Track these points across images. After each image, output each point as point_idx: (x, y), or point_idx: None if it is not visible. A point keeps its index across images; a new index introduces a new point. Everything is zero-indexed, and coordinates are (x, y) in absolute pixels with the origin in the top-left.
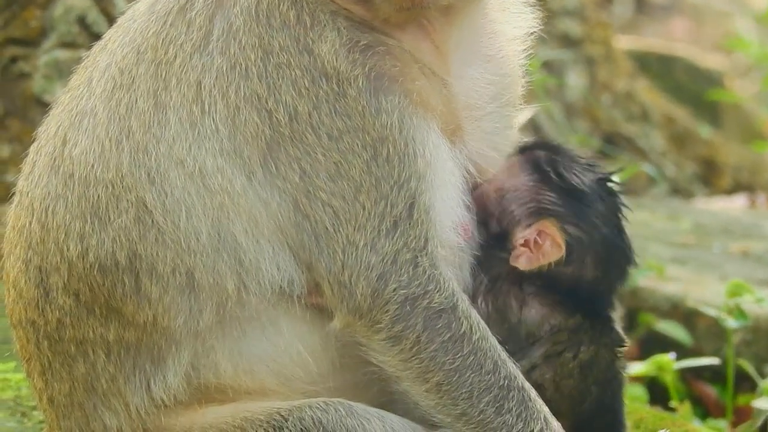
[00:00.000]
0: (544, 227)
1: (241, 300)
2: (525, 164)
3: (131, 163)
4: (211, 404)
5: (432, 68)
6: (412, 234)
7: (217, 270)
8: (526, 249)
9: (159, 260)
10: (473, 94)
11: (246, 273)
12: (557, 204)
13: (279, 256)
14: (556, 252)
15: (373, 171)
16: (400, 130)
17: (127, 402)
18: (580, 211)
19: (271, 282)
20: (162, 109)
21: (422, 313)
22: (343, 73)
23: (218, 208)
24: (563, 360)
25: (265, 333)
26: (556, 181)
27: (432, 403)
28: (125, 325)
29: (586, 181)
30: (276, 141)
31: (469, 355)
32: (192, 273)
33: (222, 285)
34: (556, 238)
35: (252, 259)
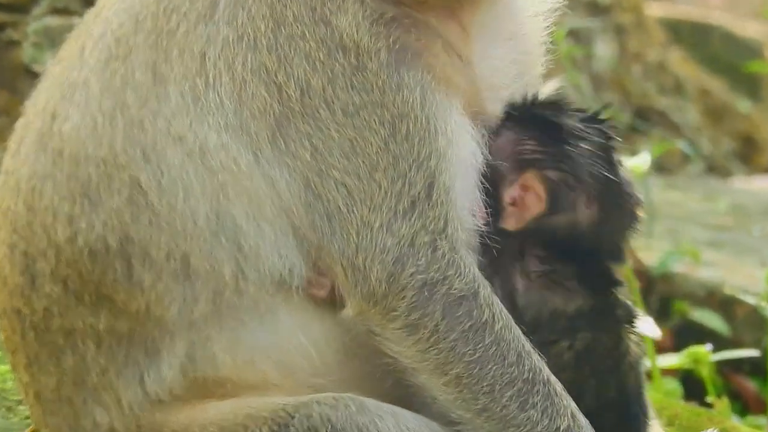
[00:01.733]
0: (525, 180)
1: (238, 288)
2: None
3: (125, 139)
4: (209, 399)
5: (456, 48)
6: (431, 215)
7: (214, 255)
8: (514, 209)
9: (152, 244)
10: (497, 75)
11: (245, 259)
12: (536, 151)
13: (281, 242)
14: (537, 203)
15: (390, 148)
16: (421, 106)
17: (119, 396)
18: (560, 152)
19: (270, 270)
20: (161, 82)
21: (441, 299)
22: (363, 46)
23: (219, 189)
24: (558, 350)
25: (264, 323)
26: (532, 123)
27: (451, 397)
28: (116, 314)
29: (565, 119)
30: (286, 116)
31: (491, 346)
32: (187, 258)
33: (219, 272)
34: (537, 190)
35: (252, 244)
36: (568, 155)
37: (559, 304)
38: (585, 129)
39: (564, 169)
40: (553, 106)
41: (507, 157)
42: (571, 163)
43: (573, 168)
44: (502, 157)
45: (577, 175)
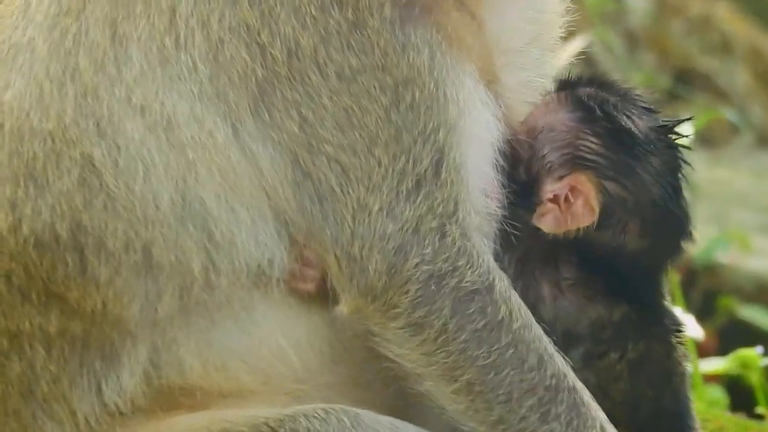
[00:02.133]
0: (578, 182)
1: (208, 282)
2: (566, 100)
3: (77, 110)
4: (178, 411)
5: (468, 4)
6: (439, 197)
7: (180, 245)
8: (554, 206)
9: (108, 233)
10: (512, 37)
11: (216, 249)
12: (598, 153)
13: (260, 228)
14: (587, 215)
15: (392, 119)
16: (429, 70)
17: (74, 409)
18: (626, 164)
19: (246, 260)
20: (122, 43)
21: (450, 294)
22: (363, 0)
23: (187, 168)
24: (608, 362)
25: (239, 322)
26: (602, 120)
27: (461, 407)
28: (69, 315)
29: (640, 125)
30: (270, 82)
31: (507, 348)
32: (149, 249)
33: (186, 264)
34: (589, 198)
35: (225, 231)
36: (634, 171)
37: (603, 313)
38: (657, 140)
39: (626, 186)
40: (625, 98)
41: (560, 143)
42: (635, 182)
43: (636, 189)
44: (553, 142)
45: (639, 199)
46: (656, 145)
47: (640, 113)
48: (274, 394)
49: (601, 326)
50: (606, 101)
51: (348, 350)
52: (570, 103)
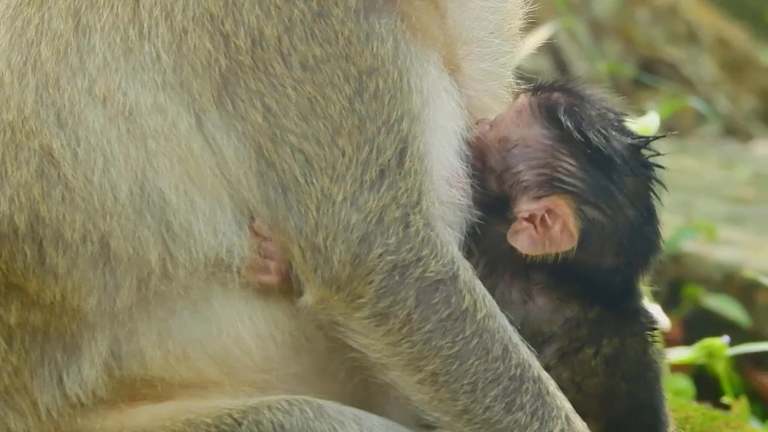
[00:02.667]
0: (556, 206)
1: (166, 273)
2: (539, 111)
3: (37, 101)
4: (141, 403)
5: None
6: (403, 186)
7: (137, 237)
8: (529, 225)
9: (66, 225)
10: (474, 27)
11: (173, 240)
12: (577, 177)
13: (218, 218)
14: (566, 241)
15: (356, 109)
16: (393, 59)
17: (35, 400)
18: (604, 188)
19: (204, 251)
20: (85, 32)
21: (415, 284)
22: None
23: (146, 158)
24: (583, 357)
25: (198, 313)
26: (579, 142)
27: (426, 397)
28: (29, 306)
29: (617, 146)
30: (234, 72)
31: (472, 338)
32: (106, 241)
33: (143, 255)
34: (568, 224)
35: (182, 221)
36: (611, 195)
37: (577, 312)
38: (632, 160)
39: (604, 210)
40: (600, 115)
41: (536, 162)
42: (612, 206)
43: (613, 213)
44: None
45: (616, 222)
46: (631, 165)
47: (614, 132)
48: (237, 385)
49: (576, 324)
50: (581, 119)
51: (311, 340)
52: (545, 117)
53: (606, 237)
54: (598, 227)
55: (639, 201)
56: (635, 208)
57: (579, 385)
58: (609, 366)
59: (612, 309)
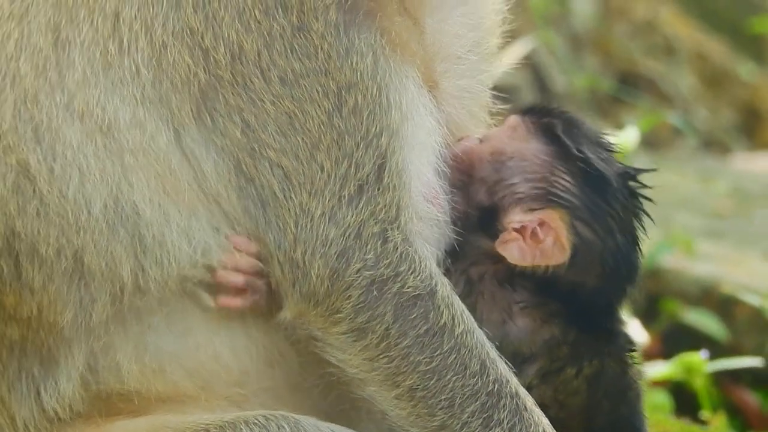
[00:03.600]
0: (550, 219)
1: (140, 288)
2: (535, 128)
3: (15, 116)
4: (118, 417)
5: (410, 9)
6: (381, 202)
7: (110, 252)
8: (518, 236)
9: (41, 240)
10: (453, 43)
11: (146, 255)
12: (572, 193)
13: (194, 233)
14: (558, 254)
15: (335, 124)
16: (372, 75)
17: (12, 414)
18: (598, 209)
19: (178, 266)
20: (64, 47)
21: (393, 299)
22: (308, 3)
23: (122, 173)
24: (565, 377)
25: (173, 327)
26: (578, 161)
27: (403, 413)
28: (6, 320)
29: (611, 171)
30: (213, 87)
31: (450, 353)
32: (80, 256)
33: (116, 270)
34: (561, 237)
35: (156, 236)
36: (604, 216)
37: (557, 333)
38: (623, 187)
39: (596, 230)
40: (595, 142)
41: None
42: (604, 228)
43: (604, 234)
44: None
45: (606, 244)
46: (621, 191)
47: (608, 157)
48: (213, 399)
49: (556, 344)
50: (579, 140)
51: (285, 355)
52: (542, 134)
53: (594, 257)
54: (588, 246)
55: (626, 227)
56: (623, 233)
57: (562, 403)
58: (591, 385)
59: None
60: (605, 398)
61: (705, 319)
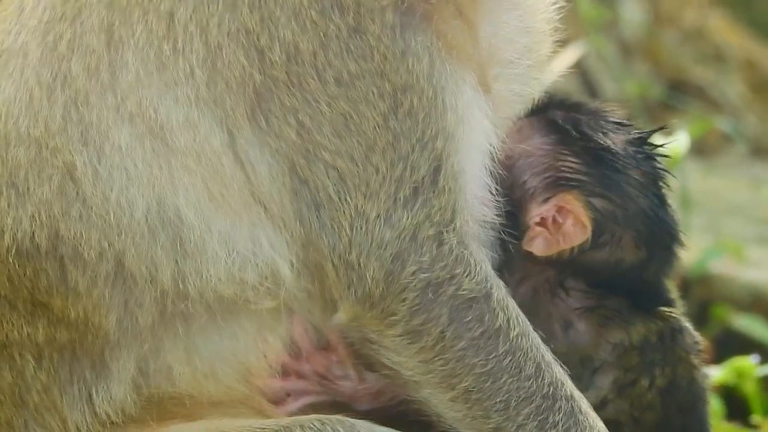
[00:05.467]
0: (564, 202)
1: (182, 293)
2: (539, 124)
3: (65, 117)
4: (171, 421)
5: (466, 13)
6: (437, 204)
7: (150, 256)
8: (542, 230)
9: (84, 243)
10: (507, 48)
11: (185, 259)
12: (580, 172)
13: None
14: (580, 233)
15: (391, 126)
16: (428, 77)
17: (65, 418)
18: (609, 180)
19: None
20: (117, 48)
21: (448, 302)
22: (365, 4)
23: (169, 176)
24: (639, 390)
25: (222, 330)
26: (578, 140)
27: (459, 415)
28: (55, 324)
29: (616, 140)
30: (268, 88)
31: (505, 356)
32: (121, 260)
33: (156, 276)
34: (579, 216)
35: (197, 240)
36: (617, 184)
37: (622, 336)
38: (635, 153)
39: (613, 199)
40: (596, 116)
41: (539, 168)
42: (621, 195)
43: (623, 201)
44: (532, 167)
45: (628, 210)
46: (635, 157)
47: (613, 129)
48: (266, 403)
49: (623, 351)
50: (578, 121)
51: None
52: (543, 127)
53: (620, 227)
54: (610, 217)
55: (648, 190)
56: (645, 196)
57: (637, 420)
58: (664, 398)
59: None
60: (678, 413)
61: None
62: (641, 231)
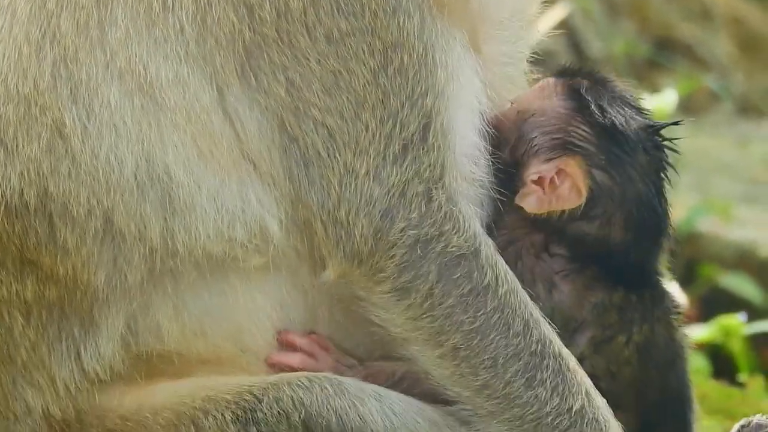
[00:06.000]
0: (566, 165)
1: (171, 250)
2: (561, 87)
3: (54, 74)
4: (159, 379)
5: None
6: (426, 161)
7: (139, 214)
8: (538, 188)
9: (72, 200)
10: (497, 9)
11: (174, 216)
12: (590, 141)
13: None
14: (574, 198)
15: (380, 83)
16: (419, 34)
17: (53, 375)
18: (615, 157)
19: (205, 231)
20: (107, 5)
21: (436, 259)
22: None
23: (158, 133)
24: (616, 346)
25: (212, 287)
26: (596, 114)
27: (447, 372)
28: (44, 281)
29: (632, 123)
30: (257, 45)
31: (493, 313)
32: (110, 217)
33: (145, 233)
34: (577, 181)
35: (185, 197)
36: (622, 164)
37: (603, 297)
38: (646, 140)
39: (614, 177)
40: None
41: (550, 128)
42: (623, 175)
43: (623, 182)
44: (543, 126)
45: (626, 192)
46: (645, 144)
47: (632, 112)
48: (256, 362)
49: (603, 310)
50: (601, 96)
51: (328, 316)
52: (565, 91)
53: (614, 205)
54: (607, 194)
55: (649, 178)
56: (645, 183)
57: (614, 374)
58: (641, 354)
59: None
60: (655, 369)
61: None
62: (632, 215)
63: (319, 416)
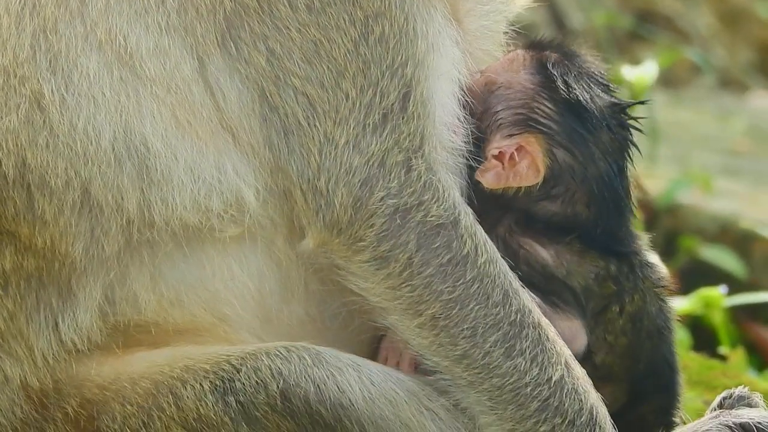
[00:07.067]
0: (526, 143)
1: (148, 221)
2: (529, 61)
3: (34, 45)
4: (137, 349)
5: None
6: (406, 130)
7: (116, 185)
8: (498, 163)
9: (50, 171)
10: None
11: (151, 187)
12: (552, 119)
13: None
14: (531, 176)
15: (361, 52)
16: (400, 4)
17: (31, 345)
18: (578, 135)
19: (182, 201)
20: None
21: (416, 228)
22: None
23: (137, 105)
24: (610, 316)
25: (189, 257)
26: (561, 89)
27: (425, 341)
28: (23, 252)
29: (597, 101)
30: (238, 14)
31: (472, 283)
32: (87, 188)
33: (122, 204)
34: (536, 159)
35: (162, 168)
36: (585, 142)
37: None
38: (611, 118)
39: (575, 155)
40: (587, 73)
41: (514, 102)
42: (584, 153)
43: (585, 160)
44: (508, 100)
45: (587, 170)
46: (609, 122)
47: (598, 90)
48: (233, 332)
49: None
50: (568, 71)
51: (307, 284)
52: (532, 65)
53: (576, 184)
54: (568, 172)
55: (612, 157)
56: (607, 162)
57: (611, 345)
58: (634, 324)
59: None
60: (648, 338)
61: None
62: (593, 193)
63: (297, 386)
